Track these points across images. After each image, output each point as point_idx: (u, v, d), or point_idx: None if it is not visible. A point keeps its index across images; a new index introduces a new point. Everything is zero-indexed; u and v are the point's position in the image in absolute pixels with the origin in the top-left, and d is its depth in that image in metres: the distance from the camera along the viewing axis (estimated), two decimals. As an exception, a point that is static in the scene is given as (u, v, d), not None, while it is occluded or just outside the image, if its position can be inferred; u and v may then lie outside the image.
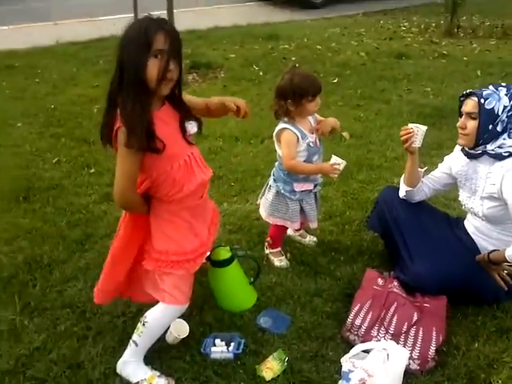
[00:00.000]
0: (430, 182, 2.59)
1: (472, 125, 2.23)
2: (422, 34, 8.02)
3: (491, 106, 2.19)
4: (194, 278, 2.09)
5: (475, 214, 2.40)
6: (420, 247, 2.35)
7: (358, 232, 2.92)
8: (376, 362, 1.92)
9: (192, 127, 1.92)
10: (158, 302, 2.01)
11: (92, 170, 3.65)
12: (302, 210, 2.59)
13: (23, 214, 3.12)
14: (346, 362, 1.96)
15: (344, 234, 2.91)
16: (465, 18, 8.93)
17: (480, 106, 2.19)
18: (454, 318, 2.29)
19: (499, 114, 2.18)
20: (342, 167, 2.41)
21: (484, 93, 2.21)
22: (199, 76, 5.98)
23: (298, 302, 2.41)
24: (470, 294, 2.32)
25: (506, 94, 2.20)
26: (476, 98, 2.21)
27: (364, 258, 2.68)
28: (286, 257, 2.71)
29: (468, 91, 2.29)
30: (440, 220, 2.58)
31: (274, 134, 2.52)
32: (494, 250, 2.24)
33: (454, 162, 2.49)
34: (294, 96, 2.39)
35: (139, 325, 2.00)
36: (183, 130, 1.86)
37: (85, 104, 4.94)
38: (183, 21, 8.32)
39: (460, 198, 2.50)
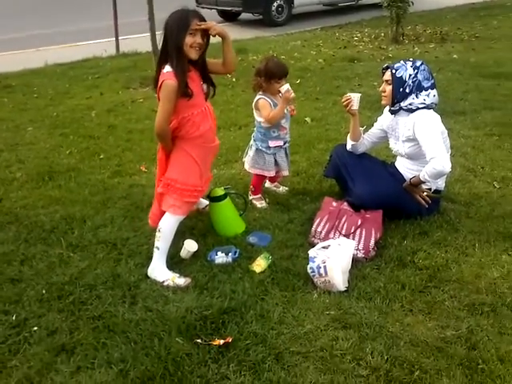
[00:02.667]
0: (369, 137, 3.46)
1: (389, 89, 3.13)
2: (372, 42, 9.06)
3: (400, 75, 3.09)
4: (197, 219, 2.99)
5: (400, 155, 3.28)
6: (361, 177, 3.21)
7: (319, 182, 3.77)
8: (332, 250, 2.73)
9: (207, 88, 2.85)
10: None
11: (101, 156, 4.42)
12: (276, 162, 3.43)
13: (51, 188, 3.87)
14: (312, 251, 2.76)
15: (309, 184, 3.76)
16: (410, 27, 10.05)
17: (392, 75, 3.09)
18: (390, 227, 3.14)
19: (406, 80, 3.08)
20: (288, 87, 3.19)
21: (395, 65, 3.12)
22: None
23: (277, 226, 3.22)
24: (400, 210, 3.17)
25: (411, 66, 3.11)
26: (390, 70, 3.11)
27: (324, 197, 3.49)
28: (266, 201, 3.53)
29: (385, 65, 3.19)
30: (377, 162, 3.45)
31: (253, 103, 3.37)
32: (414, 176, 3.10)
33: (384, 119, 3.38)
34: (265, 75, 3.25)
35: (156, 233, 2.80)
36: (203, 89, 2.77)
37: (84, 110, 5.72)
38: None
39: (390, 146, 3.38)
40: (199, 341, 2.34)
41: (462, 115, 5.08)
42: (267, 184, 3.70)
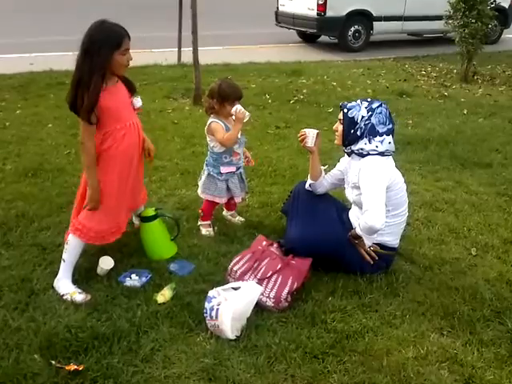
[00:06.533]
0: (329, 177, 3.18)
1: (340, 128, 2.86)
2: (438, 78, 8.50)
3: (352, 115, 2.80)
4: (128, 233, 2.97)
5: (350, 202, 2.98)
6: (300, 220, 2.95)
7: (280, 218, 3.51)
8: (236, 293, 2.52)
9: (137, 102, 2.77)
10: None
11: (92, 160, 4.48)
12: (228, 188, 3.26)
13: (27, 185, 3.97)
14: (213, 291, 2.56)
15: (268, 218, 3.54)
16: (490, 66, 9.35)
17: (344, 114, 2.81)
18: (322, 280, 2.85)
19: (358, 121, 2.79)
20: (239, 107, 3.06)
21: (349, 104, 2.84)
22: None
23: (207, 258, 3.05)
24: (339, 263, 2.87)
25: (366, 107, 2.81)
26: (342, 108, 2.84)
27: (275, 236, 3.24)
28: (214, 229, 3.36)
29: (341, 103, 2.92)
30: (332, 206, 3.14)
31: (206, 128, 3.23)
32: (355, 228, 2.80)
33: (344, 161, 3.10)
34: (218, 97, 3.10)
35: (65, 245, 2.76)
36: (131, 103, 2.73)
37: (108, 114, 5.87)
38: (223, 56, 9.27)
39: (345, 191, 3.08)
40: (53, 362, 2.25)
41: (485, 168, 4.56)
42: (224, 212, 3.53)
